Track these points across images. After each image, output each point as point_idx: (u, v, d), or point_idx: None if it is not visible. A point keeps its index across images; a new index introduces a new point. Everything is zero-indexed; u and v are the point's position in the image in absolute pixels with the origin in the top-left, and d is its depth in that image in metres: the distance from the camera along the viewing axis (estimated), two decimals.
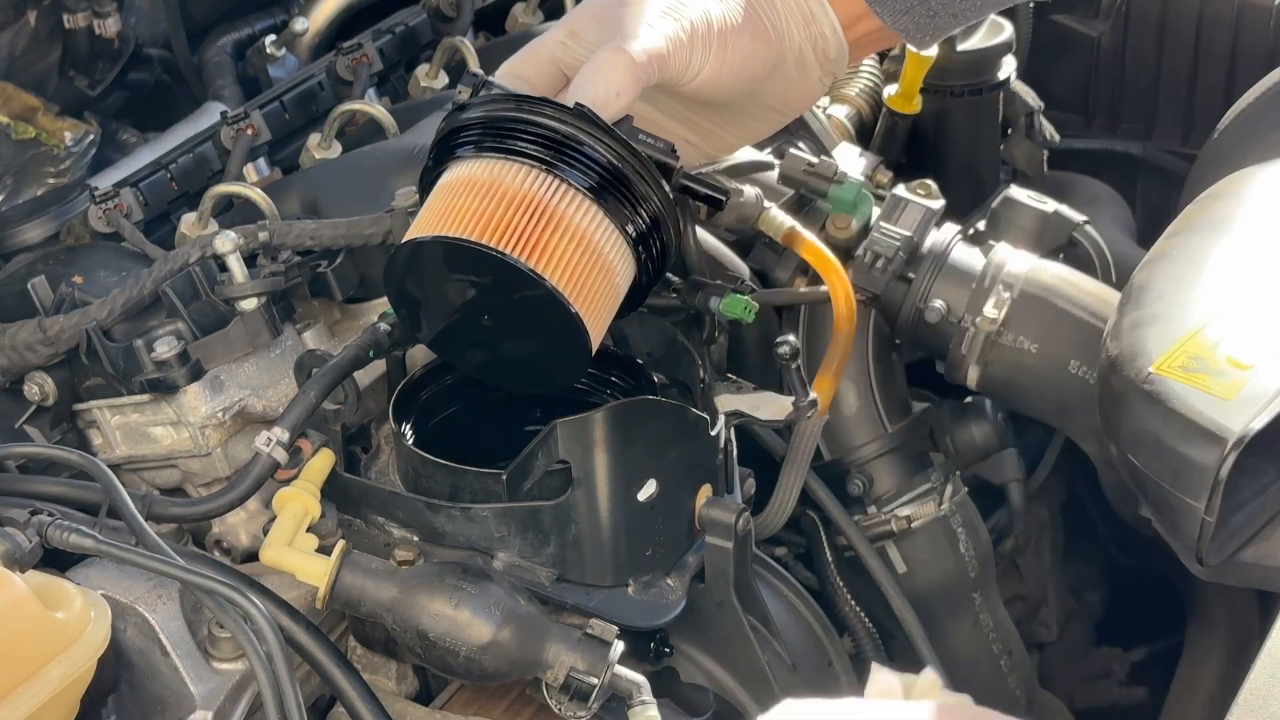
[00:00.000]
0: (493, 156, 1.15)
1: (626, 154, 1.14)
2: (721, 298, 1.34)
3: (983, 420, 1.68)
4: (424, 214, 1.17)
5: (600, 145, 1.14)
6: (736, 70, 1.19)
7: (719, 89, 1.20)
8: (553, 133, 1.14)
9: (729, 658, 1.34)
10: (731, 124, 1.28)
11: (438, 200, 1.17)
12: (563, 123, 1.14)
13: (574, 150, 1.14)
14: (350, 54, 1.69)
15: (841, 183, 1.55)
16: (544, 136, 1.14)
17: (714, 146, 1.30)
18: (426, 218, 1.16)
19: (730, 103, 1.25)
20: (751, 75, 1.21)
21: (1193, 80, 2.12)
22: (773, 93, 1.25)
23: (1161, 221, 1.52)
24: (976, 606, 1.68)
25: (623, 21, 1.16)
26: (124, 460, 1.35)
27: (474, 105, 1.18)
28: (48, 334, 1.30)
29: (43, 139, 1.70)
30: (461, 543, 1.21)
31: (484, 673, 1.14)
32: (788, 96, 1.26)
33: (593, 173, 1.14)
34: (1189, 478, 1.19)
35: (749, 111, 1.28)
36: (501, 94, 1.18)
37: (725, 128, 1.29)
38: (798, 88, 1.26)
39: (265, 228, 1.36)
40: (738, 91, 1.22)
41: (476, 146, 1.16)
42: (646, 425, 1.20)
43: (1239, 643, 1.65)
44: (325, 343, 1.40)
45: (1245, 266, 1.34)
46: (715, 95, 1.21)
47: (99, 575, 1.19)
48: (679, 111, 1.26)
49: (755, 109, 1.27)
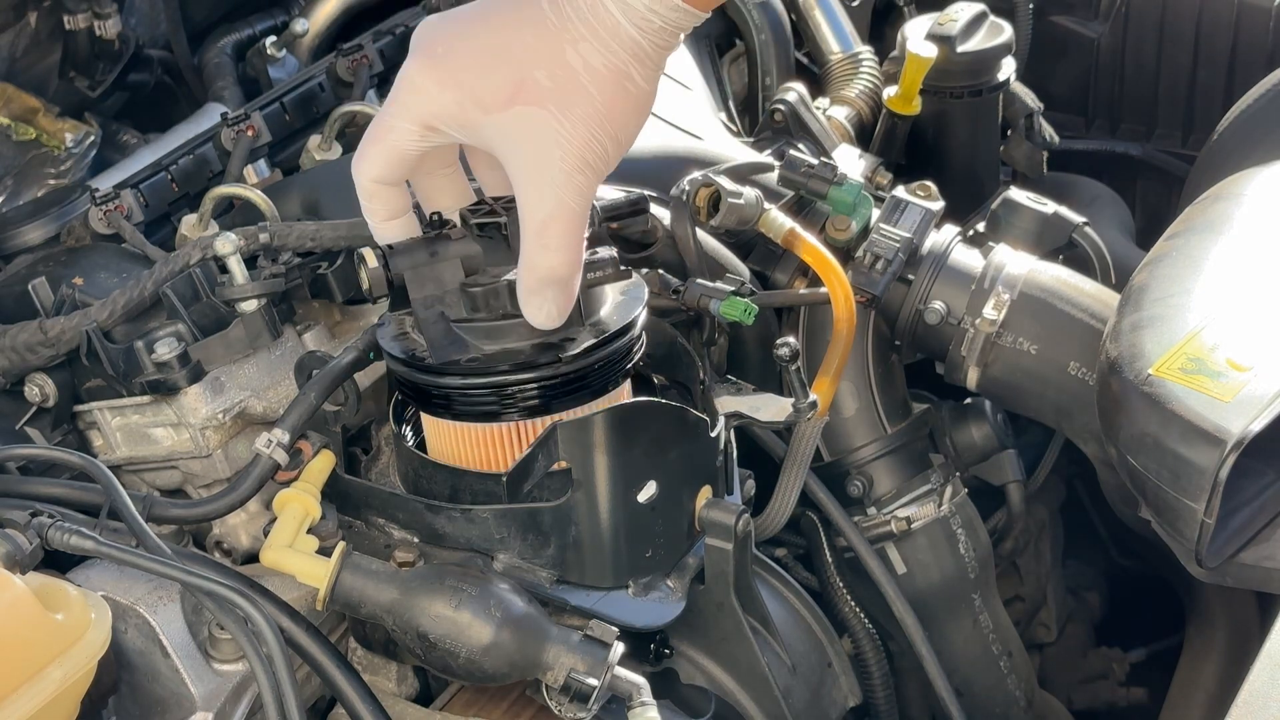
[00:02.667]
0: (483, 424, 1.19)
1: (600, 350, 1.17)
2: (721, 300, 1.34)
3: (982, 421, 1.68)
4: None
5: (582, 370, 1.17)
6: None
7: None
8: (548, 380, 1.17)
9: (729, 659, 1.34)
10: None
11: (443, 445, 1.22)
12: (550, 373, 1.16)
13: (566, 390, 1.17)
14: (351, 55, 1.69)
15: (841, 184, 1.55)
16: (534, 394, 1.17)
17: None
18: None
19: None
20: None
21: (1192, 81, 2.12)
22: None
23: (1161, 222, 1.52)
24: (976, 607, 1.68)
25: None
26: (124, 461, 1.36)
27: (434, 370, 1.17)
28: (48, 335, 1.30)
29: (43, 140, 1.70)
30: (462, 544, 1.21)
31: (484, 674, 1.14)
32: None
33: (588, 385, 1.18)
34: (1188, 479, 1.19)
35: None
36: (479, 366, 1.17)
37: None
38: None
39: (266, 229, 1.36)
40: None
41: (456, 416, 1.19)
42: (646, 427, 1.20)
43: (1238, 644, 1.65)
44: (325, 344, 1.41)
45: (1244, 268, 1.34)
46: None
47: (99, 577, 1.19)
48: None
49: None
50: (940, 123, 1.88)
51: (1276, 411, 1.18)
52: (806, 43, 2.00)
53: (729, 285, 1.36)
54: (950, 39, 1.81)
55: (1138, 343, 1.28)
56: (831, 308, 1.43)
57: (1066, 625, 1.95)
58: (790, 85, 1.80)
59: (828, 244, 1.50)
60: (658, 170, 1.53)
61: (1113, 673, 1.96)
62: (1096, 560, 2.05)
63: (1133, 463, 1.25)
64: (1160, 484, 1.22)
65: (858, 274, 1.54)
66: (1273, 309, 1.28)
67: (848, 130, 1.85)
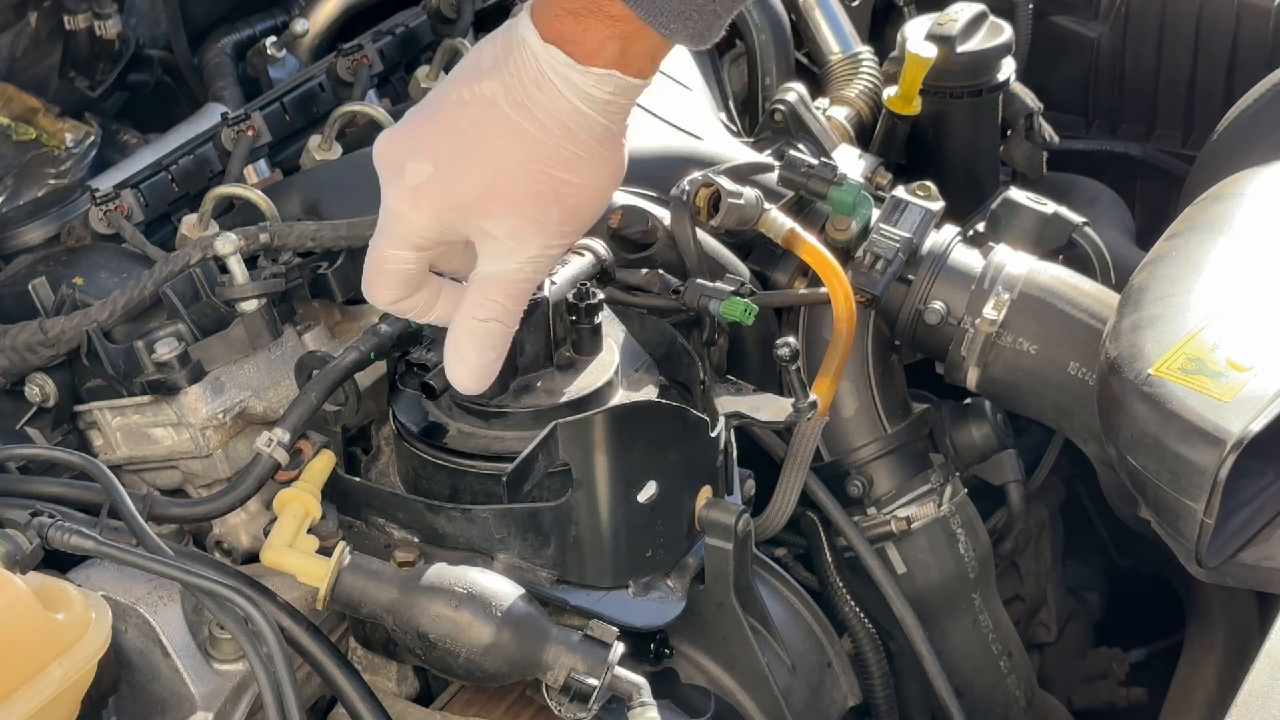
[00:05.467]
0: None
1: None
2: (721, 300, 1.34)
3: (982, 421, 1.68)
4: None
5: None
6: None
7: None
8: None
9: (729, 658, 1.34)
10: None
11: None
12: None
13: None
14: (351, 55, 1.69)
15: (841, 184, 1.55)
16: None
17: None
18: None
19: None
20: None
21: (1192, 81, 2.12)
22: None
23: (1161, 222, 1.52)
24: (976, 607, 1.68)
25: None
26: (125, 461, 1.36)
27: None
28: (48, 335, 1.30)
29: (43, 140, 1.70)
30: (462, 544, 1.21)
31: (484, 674, 1.14)
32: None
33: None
34: (1188, 479, 1.19)
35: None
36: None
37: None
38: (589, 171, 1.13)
39: (266, 229, 1.36)
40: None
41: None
42: (646, 427, 1.20)
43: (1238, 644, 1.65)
44: (326, 344, 1.41)
45: (1244, 268, 1.34)
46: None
47: (100, 576, 1.19)
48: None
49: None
50: (940, 123, 1.88)
51: (1276, 411, 1.18)
52: (806, 43, 2.00)
53: (729, 285, 1.36)
54: (950, 39, 1.81)
55: (1138, 343, 1.28)
56: (831, 308, 1.43)
57: (1066, 625, 1.95)
58: (790, 85, 1.80)
59: (828, 244, 1.50)
60: (658, 170, 1.53)
61: (1113, 673, 1.96)
62: (1096, 560, 2.06)
63: (1133, 463, 1.25)
64: (1160, 484, 1.22)
65: (858, 274, 1.54)
66: (1273, 309, 1.28)
67: (848, 130, 1.85)
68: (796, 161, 1.56)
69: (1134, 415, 1.24)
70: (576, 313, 1.26)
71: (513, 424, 1.21)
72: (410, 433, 1.25)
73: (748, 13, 1.92)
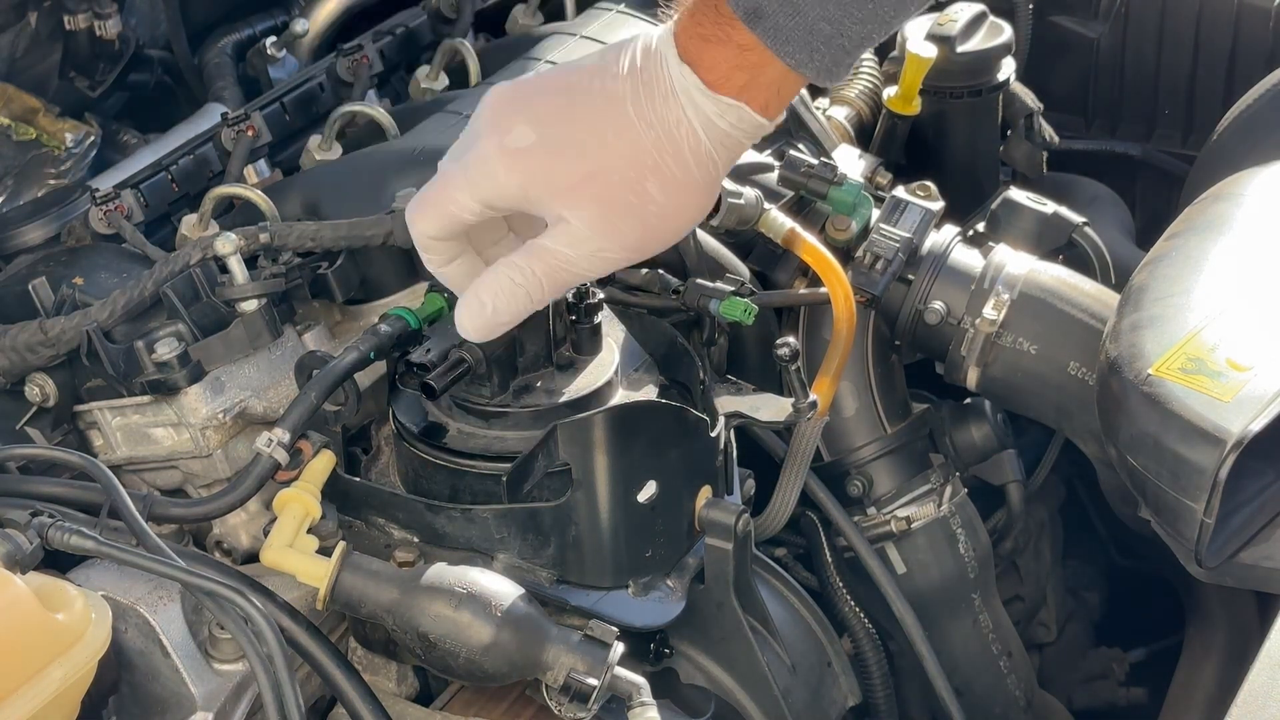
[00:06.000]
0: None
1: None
2: (721, 300, 1.34)
3: (982, 421, 1.68)
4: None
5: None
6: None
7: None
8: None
9: (728, 658, 1.34)
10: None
11: None
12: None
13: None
14: (351, 55, 1.69)
15: (841, 184, 1.55)
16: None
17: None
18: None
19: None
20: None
21: (1192, 81, 2.12)
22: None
23: (1161, 222, 1.52)
24: (976, 607, 1.68)
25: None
26: (125, 461, 1.36)
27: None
28: (49, 335, 1.30)
29: (43, 140, 1.70)
30: (462, 544, 1.21)
31: (484, 674, 1.14)
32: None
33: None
34: (1188, 479, 1.19)
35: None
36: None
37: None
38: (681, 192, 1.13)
39: (266, 229, 1.36)
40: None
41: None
42: (646, 427, 1.21)
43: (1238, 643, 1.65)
44: (326, 344, 1.41)
45: (1244, 268, 1.34)
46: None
47: (100, 576, 1.19)
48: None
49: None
50: (940, 123, 1.88)
51: (1276, 411, 1.18)
52: None
53: (729, 285, 1.36)
54: (950, 39, 1.81)
55: (1138, 343, 1.28)
56: (831, 308, 1.43)
57: (1066, 625, 1.95)
58: None
59: (828, 244, 1.50)
60: None
61: (1113, 673, 1.96)
62: (1096, 560, 2.05)
63: (1133, 463, 1.25)
64: (1160, 484, 1.22)
65: (858, 274, 1.54)
66: (1273, 309, 1.28)
67: (848, 130, 1.85)
68: (796, 161, 1.56)
69: (1134, 415, 1.24)
70: (576, 312, 1.26)
71: (513, 424, 1.21)
72: (410, 433, 1.25)
73: None
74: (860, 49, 1.07)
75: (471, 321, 1.14)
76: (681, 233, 1.14)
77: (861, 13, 1.05)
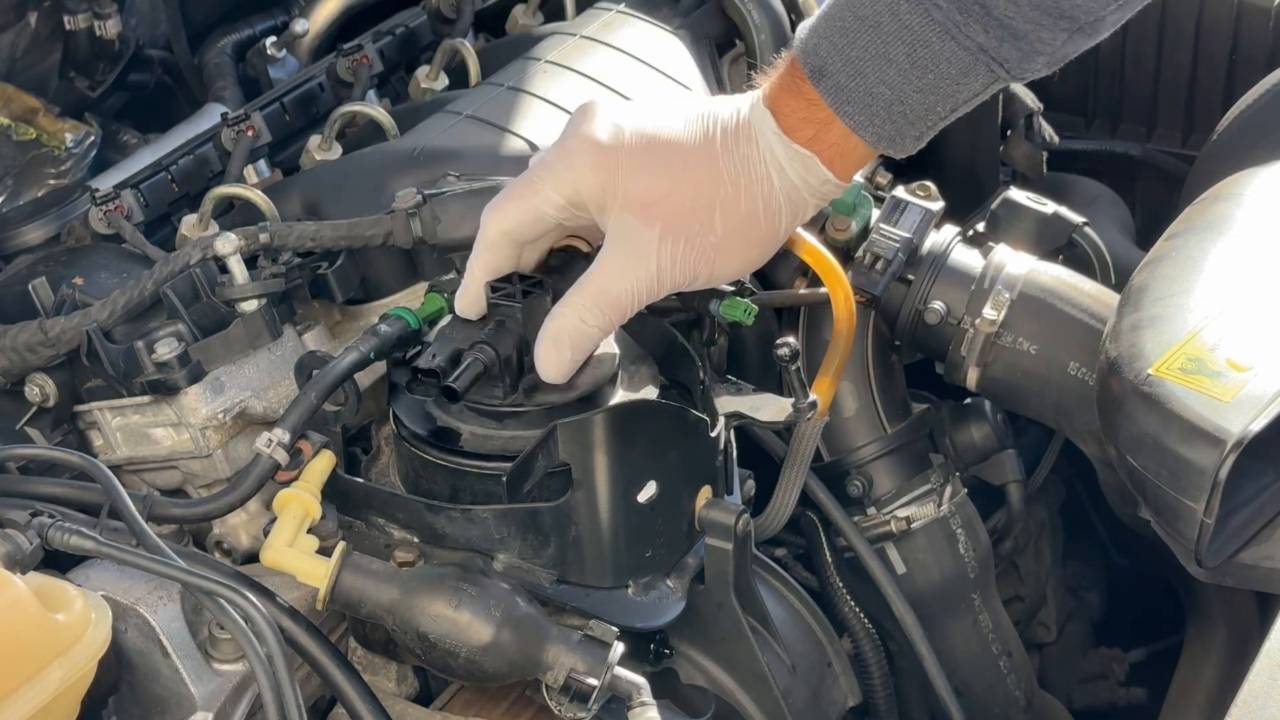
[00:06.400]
0: None
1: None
2: (721, 300, 1.34)
3: (982, 421, 1.68)
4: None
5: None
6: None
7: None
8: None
9: (728, 659, 1.34)
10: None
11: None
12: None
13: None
14: (350, 55, 1.69)
15: None
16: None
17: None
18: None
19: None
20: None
21: (1192, 81, 2.12)
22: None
23: (1161, 222, 1.52)
24: (976, 607, 1.68)
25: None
26: (125, 461, 1.36)
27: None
28: (48, 335, 1.30)
29: (43, 140, 1.70)
30: (462, 544, 1.21)
31: (484, 674, 1.14)
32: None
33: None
34: (1188, 479, 1.19)
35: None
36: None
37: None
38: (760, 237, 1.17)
39: (266, 229, 1.36)
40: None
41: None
42: (646, 427, 1.20)
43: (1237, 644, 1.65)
44: (325, 344, 1.41)
45: (1244, 268, 1.34)
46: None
47: (100, 576, 1.19)
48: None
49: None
50: None
51: (1276, 411, 1.18)
52: None
53: (729, 285, 1.36)
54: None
55: (1137, 343, 1.28)
56: (831, 308, 1.43)
57: (1066, 625, 1.95)
58: None
59: (828, 244, 1.50)
60: None
61: (1113, 673, 1.96)
62: (1096, 560, 2.05)
63: (1133, 463, 1.25)
64: (1160, 484, 1.22)
65: (858, 274, 1.54)
66: (1273, 309, 1.28)
67: None
68: None
69: (1134, 415, 1.24)
70: None
71: (527, 423, 1.21)
72: (410, 433, 1.25)
73: (747, 13, 1.92)
74: (927, 121, 1.10)
75: (556, 369, 1.17)
76: (731, 276, 1.18)
77: (921, 83, 1.08)
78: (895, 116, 1.09)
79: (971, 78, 1.08)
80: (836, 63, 1.08)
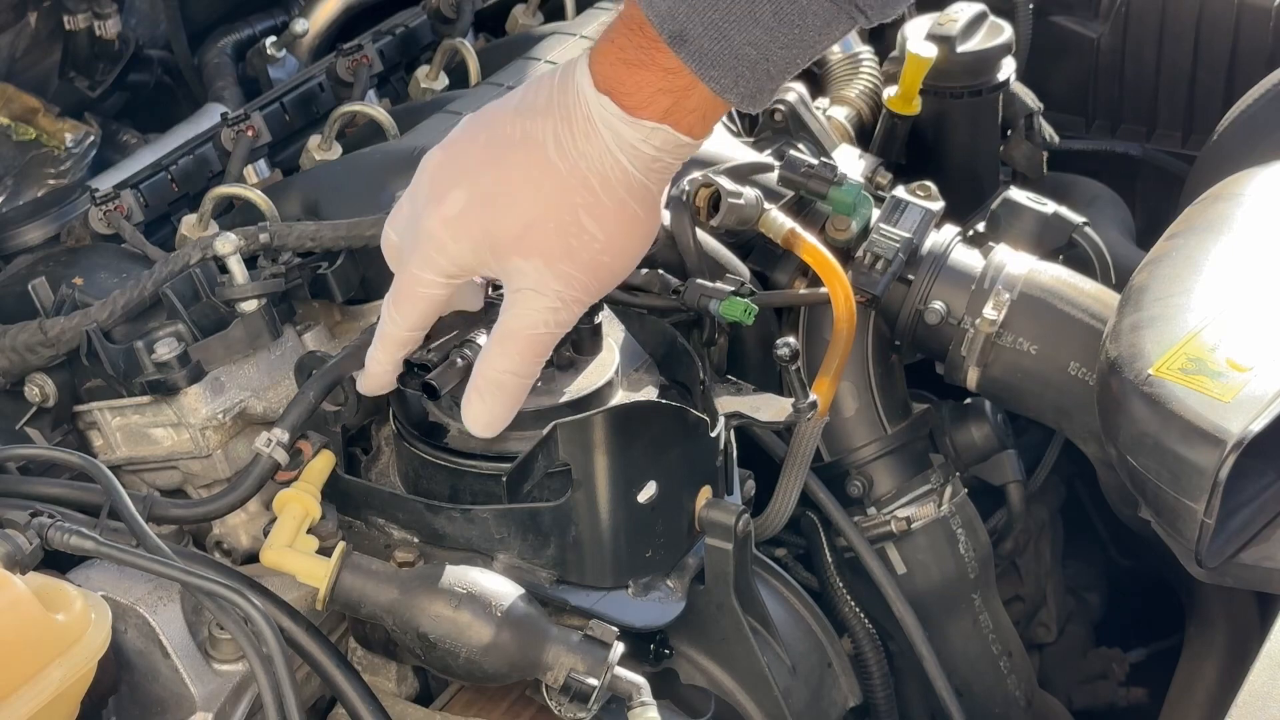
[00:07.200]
0: None
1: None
2: (721, 300, 1.34)
3: (982, 421, 1.68)
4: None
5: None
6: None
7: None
8: None
9: (729, 659, 1.34)
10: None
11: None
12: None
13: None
14: (350, 55, 1.69)
15: (841, 184, 1.54)
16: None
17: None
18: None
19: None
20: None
21: (1192, 81, 2.12)
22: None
23: (1161, 222, 1.52)
24: (976, 607, 1.68)
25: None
26: (124, 462, 1.36)
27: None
28: (48, 335, 1.30)
29: (43, 140, 1.70)
30: (462, 544, 1.21)
31: (484, 674, 1.14)
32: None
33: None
34: (1188, 479, 1.19)
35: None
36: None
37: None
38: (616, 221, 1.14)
39: (266, 229, 1.36)
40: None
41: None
42: (646, 427, 1.20)
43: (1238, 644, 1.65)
44: (325, 344, 1.41)
45: (1244, 268, 1.34)
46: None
47: (99, 577, 1.19)
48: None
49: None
50: (940, 123, 1.88)
51: (1276, 411, 1.18)
52: None
53: (729, 285, 1.36)
54: (950, 39, 1.81)
55: (1138, 343, 1.28)
56: (831, 308, 1.43)
57: (1066, 625, 1.95)
58: (790, 85, 1.79)
59: (828, 244, 1.50)
60: None
61: (1113, 673, 1.96)
62: (1096, 560, 2.05)
63: (1133, 463, 1.25)
64: (1160, 484, 1.22)
65: (858, 274, 1.53)
66: (1273, 309, 1.28)
67: (848, 130, 1.85)
68: (796, 161, 1.56)
69: (1134, 415, 1.24)
70: None
71: (513, 424, 1.21)
72: (410, 432, 1.25)
73: None
74: (785, 75, 1.07)
75: (484, 421, 1.16)
76: (635, 261, 1.15)
77: (787, 38, 1.04)
78: (760, 75, 1.05)
79: (834, 26, 1.04)
80: (698, 27, 1.03)
